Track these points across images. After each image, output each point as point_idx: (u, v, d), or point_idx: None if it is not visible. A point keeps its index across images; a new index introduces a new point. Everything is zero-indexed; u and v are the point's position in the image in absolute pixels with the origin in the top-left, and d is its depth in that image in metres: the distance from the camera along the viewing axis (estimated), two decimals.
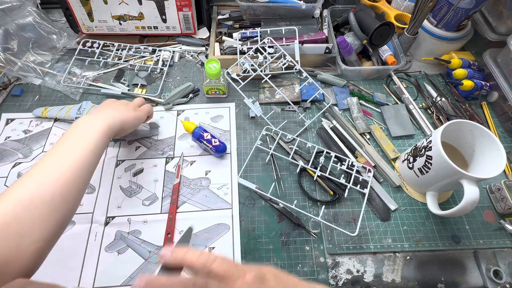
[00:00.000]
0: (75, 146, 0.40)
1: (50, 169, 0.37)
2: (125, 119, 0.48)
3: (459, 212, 0.43)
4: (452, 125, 0.46)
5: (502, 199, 0.52)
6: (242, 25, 0.75)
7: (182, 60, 0.73)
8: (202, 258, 0.27)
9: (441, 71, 0.71)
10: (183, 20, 0.71)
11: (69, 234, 0.49)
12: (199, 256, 0.27)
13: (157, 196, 0.53)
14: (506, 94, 0.61)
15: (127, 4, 0.67)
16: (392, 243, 0.50)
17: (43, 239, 0.33)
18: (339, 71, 0.69)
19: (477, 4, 0.60)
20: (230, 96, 0.66)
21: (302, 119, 0.62)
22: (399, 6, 0.73)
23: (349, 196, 0.54)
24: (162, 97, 0.65)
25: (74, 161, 0.39)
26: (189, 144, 0.59)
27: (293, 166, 0.57)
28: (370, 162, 0.56)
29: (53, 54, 0.70)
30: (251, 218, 0.52)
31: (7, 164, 0.55)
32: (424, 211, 0.53)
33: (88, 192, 0.53)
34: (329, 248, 0.49)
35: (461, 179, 0.43)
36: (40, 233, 0.33)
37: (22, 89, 0.65)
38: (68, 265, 0.47)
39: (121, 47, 0.71)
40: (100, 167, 0.56)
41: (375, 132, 0.60)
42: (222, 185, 0.55)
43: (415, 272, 0.48)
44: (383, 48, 0.68)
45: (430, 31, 0.68)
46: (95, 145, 0.41)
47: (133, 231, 0.50)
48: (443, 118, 0.62)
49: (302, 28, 0.70)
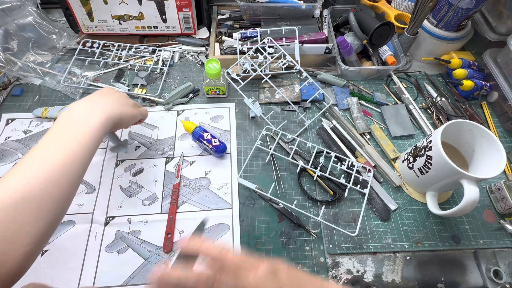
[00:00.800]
0: (69, 139, 0.36)
1: (40, 164, 0.33)
2: (124, 115, 0.43)
3: (459, 212, 0.43)
4: (452, 125, 0.46)
5: (502, 199, 0.52)
6: (242, 25, 0.75)
7: (182, 60, 0.73)
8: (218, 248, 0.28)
9: (441, 71, 0.71)
10: (183, 20, 0.71)
11: (69, 234, 0.49)
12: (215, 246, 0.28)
13: (157, 196, 0.53)
14: (506, 94, 0.61)
15: (127, 4, 0.67)
16: (392, 243, 0.50)
17: (32, 242, 0.31)
18: (339, 71, 0.69)
19: (477, 4, 0.60)
20: (230, 96, 0.66)
21: (302, 119, 0.62)
22: (399, 6, 0.73)
23: (349, 196, 0.54)
24: (162, 97, 0.65)
25: (66, 156, 0.34)
26: (189, 144, 0.59)
27: (293, 166, 0.57)
28: (370, 162, 0.56)
29: (53, 54, 0.70)
30: (251, 218, 0.52)
31: (7, 164, 0.55)
32: (424, 211, 0.53)
33: (88, 192, 0.53)
34: (329, 248, 0.49)
35: (461, 179, 0.43)
36: (29, 236, 0.30)
37: (22, 89, 0.65)
38: (68, 265, 0.47)
39: (121, 47, 0.71)
40: (100, 167, 0.56)
41: (375, 132, 0.60)
42: (222, 185, 0.55)
43: (415, 272, 0.48)
44: (383, 48, 0.68)
45: (430, 31, 0.68)
46: (91, 139, 0.37)
47: (133, 231, 0.50)
48: (443, 118, 0.62)
49: (302, 28, 0.70)
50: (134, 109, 0.47)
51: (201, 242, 0.28)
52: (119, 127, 0.45)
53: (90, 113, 0.39)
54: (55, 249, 0.48)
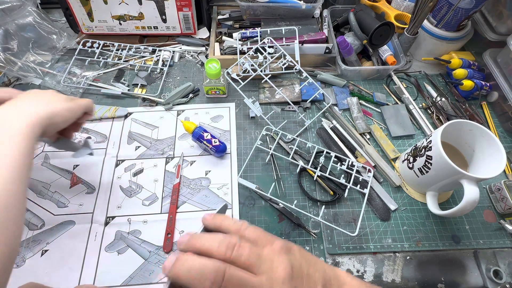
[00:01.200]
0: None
1: None
2: (53, 111, 0.37)
3: (459, 212, 0.43)
4: (452, 125, 0.46)
5: (502, 199, 0.52)
6: (242, 25, 0.75)
7: (182, 60, 0.73)
8: (237, 224, 0.29)
9: (441, 71, 0.71)
10: (183, 20, 0.71)
11: (69, 234, 0.49)
12: (235, 222, 0.29)
13: (157, 196, 0.53)
14: (506, 94, 0.61)
15: (127, 4, 0.67)
16: (392, 243, 0.50)
17: None
18: (339, 71, 0.69)
19: (477, 4, 0.60)
20: (230, 96, 0.66)
21: (302, 119, 0.62)
22: (399, 6, 0.73)
23: (349, 196, 0.54)
24: (162, 97, 0.65)
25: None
26: (189, 144, 0.59)
27: (293, 166, 0.57)
28: (370, 162, 0.56)
29: (53, 54, 0.70)
30: (251, 218, 0.52)
31: None
32: (424, 211, 0.53)
33: (88, 192, 0.53)
34: (329, 248, 0.49)
35: (461, 179, 0.43)
36: None
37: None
38: (68, 265, 0.47)
39: (121, 47, 0.71)
40: (100, 167, 0.56)
41: (375, 132, 0.60)
42: (222, 185, 0.55)
43: (415, 272, 0.48)
44: (383, 48, 0.68)
45: (430, 31, 0.68)
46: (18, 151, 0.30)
47: (133, 231, 0.50)
48: (443, 118, 0.62)
49: (302, 28, 0.70)
50: (69, 103, 0.40)
51: (223, 219, 0.30)
52: (56, 126, 0.38)
53: (7, 125, 0.32)
54: (55, 249, 0.48)
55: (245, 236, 0.28)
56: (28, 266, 0.46)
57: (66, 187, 0.54)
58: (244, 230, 0.28)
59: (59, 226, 0.50)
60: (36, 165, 0.56)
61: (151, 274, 0.46)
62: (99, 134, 0.60)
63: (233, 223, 0.29)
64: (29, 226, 0.50)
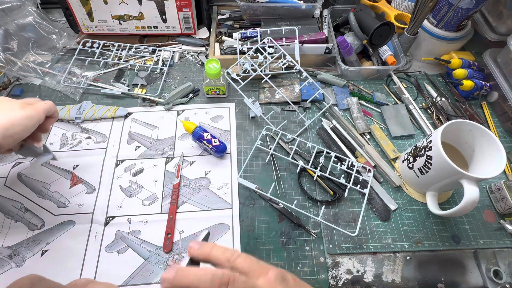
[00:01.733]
0: None
1: None
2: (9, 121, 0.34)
3: (459, 212, 0.43)
4: (452, 125, 0.46)
5: (502, 199, 0.52)
6: (242, 25, 0.75)
7: (182, 60, 0.73)
8: (227, 253, 0.27)
9: (441, 71, 0.71)
10: (183, 20, 0.71)
11: (69, 234, 0.49)
12: (224, 252, 0.28)
13: (157, 196, 0.53)
14: (506, 94, 0.61)
15: (127, 4, 0.67)
16: (392, 243, 0.50)
17: None
18: (339, 71, 0.69)
19: (477, 4, 0.60)
20: (230, 96, 0.66)
21: (302, 119, 0.62)
22: (399, 6, 0.73)
23: (349, 196, 0.54)
24: (162, 97, 0.65)
25: None
26: (189, 144, 0.59)
27: (293, 166, 0.57)
28: (370, 162, 0.56)
29: (53, 54, 0.70)
30: (251, 218, 0.52)
31: (7, 164, 0.55)
32: (424, 211, 0.53)
33: (88, 192, 0.53)
34: (329, 248, 0.49)
35: (461, 179, 0.43)
36: None
37: (22, 89, 0.65)
38: (68, 265, 0.47)
39: (121, 47, 0.71)
40: (100, 167, 0.56)
41: (375, 132, 0.60)
42: (222, 185, 0.55)
43: (415, 272, 0.48)
44: (383, 48, 0.68)
45: (430, 31, 0.68)
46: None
47: (133, 231, 0.50)
48: (443, 118, 0.62)
49: (302, 28, 0.70)
50: (25, 111, 0.37)
51: (211, 248, 0.28)
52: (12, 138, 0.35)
53: None
54: (55, 249, 0.48)
55: (237, 266, 0.27)
56: (28, 266, 0.46)
57: (66, 187, 0.54)
58: (235, 260, 0.27)
59: (59, 226, 0.50)
60: (36, 165, 0.56)
61: (151, 274, 0.46)
62: (99, 134, 0.60)
63: (222, 252, 0.27)
64: (29, 226, 0.50)
